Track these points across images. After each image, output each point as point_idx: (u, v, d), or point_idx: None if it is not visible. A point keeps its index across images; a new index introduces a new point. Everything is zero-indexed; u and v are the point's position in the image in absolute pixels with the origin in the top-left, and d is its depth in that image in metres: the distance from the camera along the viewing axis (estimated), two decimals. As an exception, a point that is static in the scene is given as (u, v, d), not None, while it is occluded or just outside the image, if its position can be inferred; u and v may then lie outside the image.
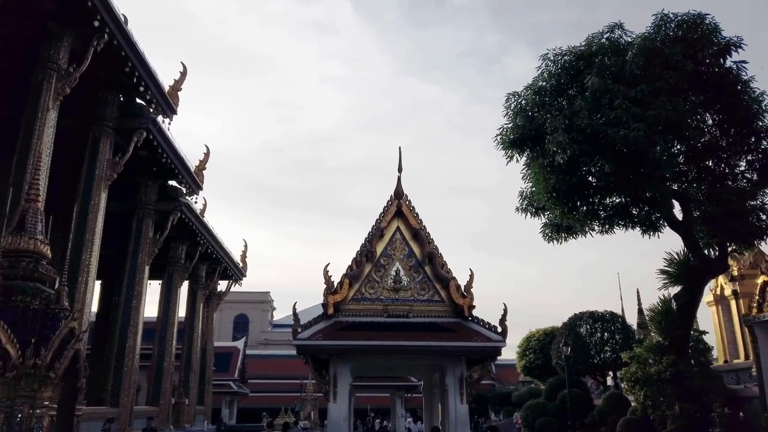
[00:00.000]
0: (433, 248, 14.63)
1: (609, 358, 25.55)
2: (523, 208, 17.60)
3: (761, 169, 15.07)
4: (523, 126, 15.62)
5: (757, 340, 15.60)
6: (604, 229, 16.81)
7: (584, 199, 15.79)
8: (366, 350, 13.19)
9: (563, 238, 17.58)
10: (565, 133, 13.98)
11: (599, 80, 13.80)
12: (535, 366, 31.69)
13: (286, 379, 42.41)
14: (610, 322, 26.83)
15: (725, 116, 14.98)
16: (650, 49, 13.95)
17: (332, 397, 13.29)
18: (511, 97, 16.28)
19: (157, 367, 19.33)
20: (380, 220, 14.71)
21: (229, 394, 37.13)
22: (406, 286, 14.28)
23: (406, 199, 15.06)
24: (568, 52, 15.47)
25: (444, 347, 13.13)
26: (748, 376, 17.31)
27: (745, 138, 14.97)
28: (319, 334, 13.42)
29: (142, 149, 15.35)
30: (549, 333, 31.03)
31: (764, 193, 15.36)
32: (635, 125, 13.01)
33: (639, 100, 13.47)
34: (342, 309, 13.95)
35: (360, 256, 14.40)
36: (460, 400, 13.17)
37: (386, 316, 13.90)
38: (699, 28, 14.23)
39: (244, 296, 57.92)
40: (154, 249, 17.86)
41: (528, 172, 16.53)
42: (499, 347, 13.47)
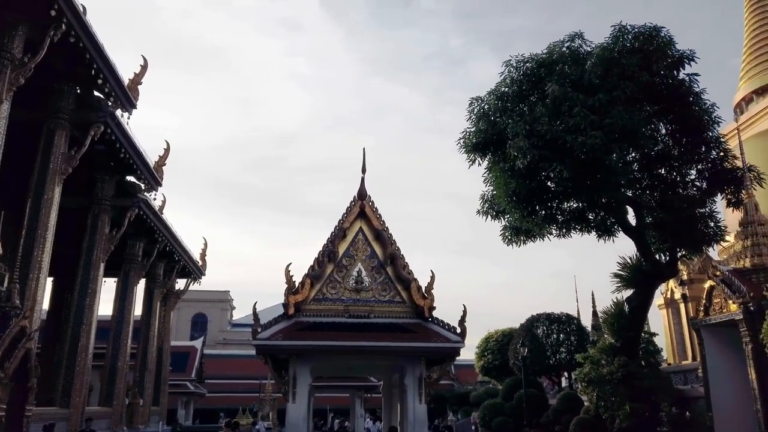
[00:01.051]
0: (395, 249, 14.75)
1: (564, 359, 26.15)
2: (484, 210, 17.87)
3: (710, 178, 15.71)
4: (485, 130, 15.88)
5: (704, 342, 16.23)
6: (561, 232, 17.22)
7: (543, 203, 16.16)
8: (326, 351, 13.21)
9: (522, 241, 17.92)
10: (525, 139, 14.28)
11: (559, 88, 14.14)
12: (493, 366, 32.17)
13: (245, 379, 41.91)
14: (566, 323, 27.47)
15: (678, 126, 15.55)
16: (608, 59, 14.37)
17: (291, 397, 13.25)
18: (474, 101, 16.52)
19: (110, 367, 18.84)
20: (343, 220, 14.74)
21: (186, 394, 36.46)
22: (368, 286, 14.35)
23: (370, 200, 15.13)
24: (530, 59, 15.80)
25: (404, 348, 13.26)
26: (694, 377, 18.00)
27: (696, 148, 15.58)
28: (279, 334, 13.36)
29: (99, 143, 14.94)
30: (507, 334, 31.54)
31: (713, 201, 16.04)
32: (593, 133, 13.39)
33: (597, 108, 13.86)
34: (303, 309, 13.92)
35: (322, 257, 14.40)
36: (418, 400, 13.32)
37: (347, 316, 13.95)
38: (654, 40, 14.74)
39: (203, 295, 56.95)
40: (110, 246, 17.41)
41: (489, 176, 16.79)
42: (458, 348, 13.68)
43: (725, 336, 15.49)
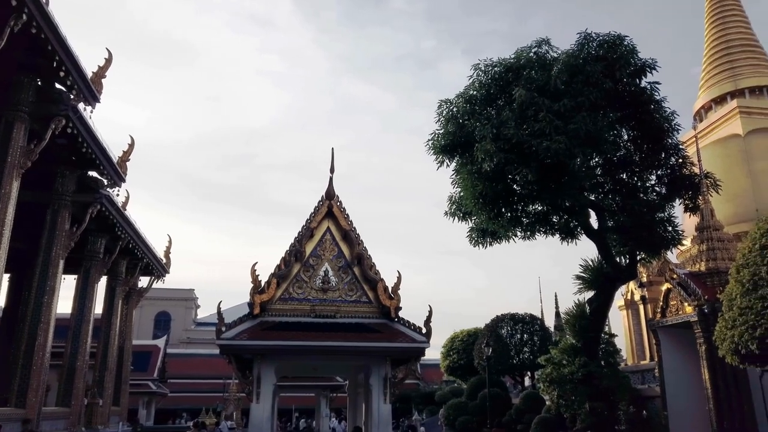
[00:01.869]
0: (363, 249, 14.76)
1: (527, 358, 26.61)
2: (451, 212, 18.05)
3: (669, 183, 16.20)
4: (453, 133, 16.04)
5: (660, 343, 16.72)
6: (526, 235, 17.51)
7: (509, 205, 16.41)
8: (292, 351, 13.13)
9: (488, 243, 18.16)
10: (492, 142, 14.49)
11: (526, 93, 14.39)
12: (458, 366, 32.51)
13: (209, 378, 41.37)
14: (529, 324, 27.96)
15: (639, 133, 15.99)
16: (574, 65, 14.68)
17: (255, 397, 13.14)
18: (443, 104, 16.68)
19: (69, 366, 18.34)
20: (310, 220, 14.68)
21: (148, 394, 35.76)
22: (335, 286, 14.33)
23: (338, 200, 15.10)
24: (498, 63, 16.03)
25: (369, 348, 13.27)
26: (651, 377, 18.53)
27: (656, 154, 16.04)
28: (244, 333, 13.22)
29: (60, 137, 14.52)
30: (472, 334, 31.92)
31: (671, 206, 16.54)
32: (557, 137, 13.66)
33: (562, 113, 14.15)
34: (269, 309, 13.82)
35: (289, 256, 14.32)
36: (383, 400, 13.36)
37: (314, 316, 13.89)
38: (618, 48, 15.12)
39: (166, 293, 55.97)
40: (70, 242, 16.94)
41: (457, 178, 16.97)
42: (423, 348, 13.76)
43: (681, 337, 15.99)
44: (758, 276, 8.92)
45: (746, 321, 8.83)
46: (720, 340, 9.71)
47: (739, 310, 9.06)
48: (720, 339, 9.70)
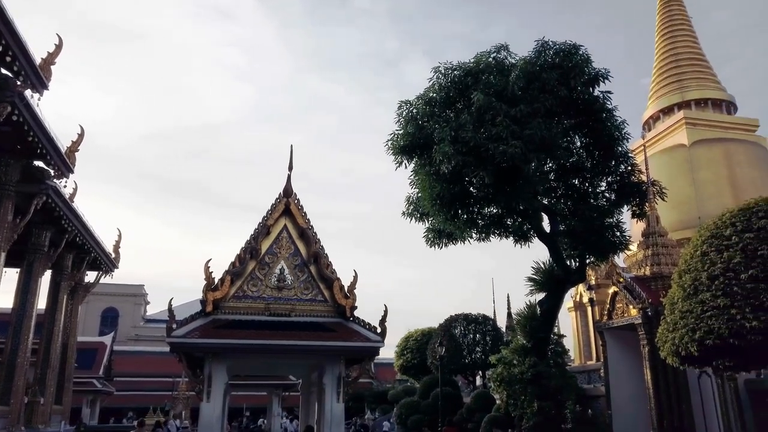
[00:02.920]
0: (319, 248, 14.71)
1: (480, 358, 27.04)
2: (409, 212, 18.15)
3: (618, 190, 16.74)
4: (413, 134, 16.13)
5: (606, 344, 17.28)
6: (481, 236, 17.77)
7: (465, 207, 16.62)
8: (244, 349, 12.98)
9: (444, 244, 18.33)
10: (451, 145, 14.65)
11: (484, 97, 14.60)
12: (411, 365, 32.75)
13: (158, 377, 40.40)
14: (482, 324, 28.41)
15: (591, 140, 16.45)
16: (530, 72, 14.98)
17: (206, 396, 12.92)
18: (403, 104, 16.75)
19: (8, 363, 17.57)
20: (267, 217, 14.54)
21: (93, 392, 34.62)
22: (290, 285, 14.24)
23: (295, 197, 15.01)
24: (458, 67, 16.21)
25: (324, 347, 13.25)
26: (597, 377, 19.14)
27: (607, 161, 16.55)
28: (195, 331, 12.99)
29: (5, 124, 13.90)
30: (426, 333, 32.21)
31: (620, 212, 17.09)
32: (513, 142, 13.92)
33: (518, 119, 14.43)
34: (222, 306, 13.62)
35: (244, 253, 14.14)
36: (336, 399, 13.35)
37: (268, 314, 13.77)
38: (573, 57, 15.51)
39: (115, 288, 54.28)
40: (13, 234, 16.23)
41: (415, 179, 17.08)
42: (378, 347, 13.83)
43: (626, 339, 16.58)
44: (699, 281, 9.33)
45: (687, 324, 9.23)
46: (662, 342, 10.12)
47: (680, 313, 9.47)
48: (662, 341, 10.11)
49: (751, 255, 8.73)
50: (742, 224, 9.20)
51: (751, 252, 8.77)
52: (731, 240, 9.13)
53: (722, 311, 8.61)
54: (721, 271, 8.96)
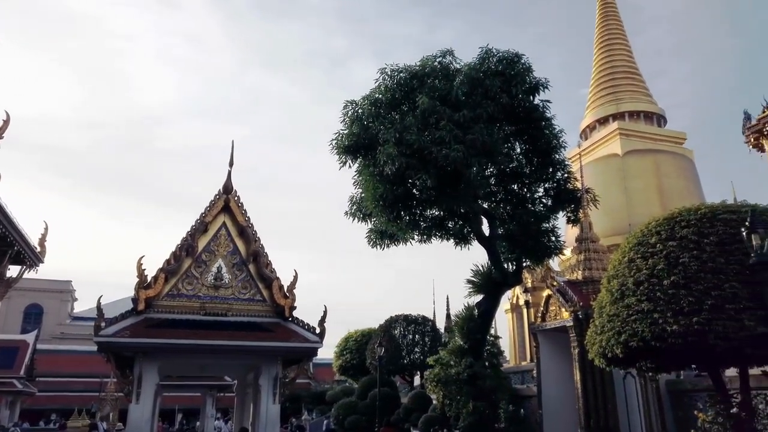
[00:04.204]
0: (259, 247, 14.45)
1: (418, 359, 27.31)
2: (352, 212, 18.14)
3: (555, 196, 17.31)
4: (357, 134, 16.12)
5: (539, 345, 17.81)
6: (423, 238, 17.97)
7: (408, 209, 16.76)
8: (177, 349, 12.57)
9: (386, 245, 18.43)
10: (395, 146, 14.74)
11: (429, 101, 14.78)
12: (350, 365, 32.72)
13: (85, 377, 38.60)
14: (422, 325, 28.73)
15: (530, 147, 16.95)
16: (474, 78, 15.27)
17: (135, 397, 12.45)
18: (349, 104, 16.71)
19: None
20: (205, 214, 14.16)
21: (12, 393, 32.69)
22: (228, 283, 13.92)
23: (235, 194, 14.67)
24: (404, 69, 16.33)
25: (260, 347, 13.02)
26: (530, 377, 19.70)
27: (545, 168, 17.09)
28: (125, 330, 12.49)
29: None
30: (366, 334, 32.26)
31: (555, 217, 17.68)
32: (456, 146, 14.15)
33: (461, 123, 14.67)
34: (155, 305, 13.16)
35: (180, 251, 13.71)
36: (272, 400, 13.15)
37: (203, 314, 13.41)
38: (515, 66, 15.93)
39: (40, 284, 51.54)
40: (-75, 225, 15.14)
41: (359, 179, 17.08)
42: (316, 348, 13.72)
43: (557, 340, 17.14)
44: (625, 286, 9.72)
45: (613, 327, 9.59)
46: (590, 344, 10.49)
47: (608, 317, 9.84)
48: (590, 343, 10.48)
49: (674, 262, 9.16)
50: (666, 233, 9.65)
51: (673, 259, 9.20)
52: (656, 247, 9.56)
53: (646, 315, 9.00)
54: (645, 276, 9.36)
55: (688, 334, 8.60)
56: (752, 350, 8.61)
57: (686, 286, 8.85)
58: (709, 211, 9.69)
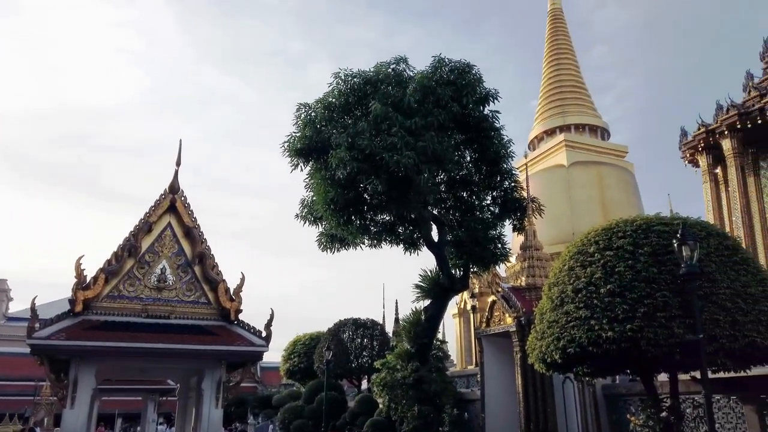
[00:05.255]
0: (206, 248, 14.23)
1: (366, 362, 27.36)
2: (303, 215, 18.02)
3: (502, 204, 17.71)
4: (310, 137, 16.05)
5: (483, 350, 18.16)
6: (373, 243, 18.05)
7: (359, 213, 16.80)
8: (116, 352, 12.22)
9: (337, 249, 18.40)
10: (347, 151, 14.76)
11: (381, 107, 14.87)
12: (298, 369, 32.45)
13: (19, 380, 36.89)
14: (370, 329, 28.79)
15: (480, 155, 17.28)
16: (426, 86, 15.47)
17: (70, 402, 12.03)
18: (302, 107, 16.63)
19: None
20: (150, 213, 13.83)
21: (-64, 398, 30.91)
22: (172, 285, 13.63)
23: (182, 194, 14.41)
24: (358, 74, 16.38)
25: (203, 351, 12.81)
26: (475, 381, 20.04)
27: (493, 176, 17.46)
28: (62, 333, 12.05)
29: None
30: (315, 337, 32.08)
31: (502, 225, 18.08)
32: (407, 153, 14.29)
33: (413, 130, 14.84)
34: (93, 306, 12.75)
35: (122, 251, 13.35)
36: (215, 405, 12.95)
37: (145, 316, 13.10)
38: (467, 76, 16.22)
39: (-29, 282, 48.90)
40: None
41: (311, 182, 17.00)
42: (262, 352, 13.60)
43: (501, 345, 17.53)
44: (565, 293, 10.07)
45: (552, 333, 9.92)
46: (531, 350, 10.80)
47: (548, 323, 10.17)
48: (531, 348, 10.79)
49: (610, 271, 9.55)
50: (604, 242, 10.06)
51: (610, 268, 9.60)
52: (594, 257, 9.95)
53: (583, 322, 9.35)
54: (584, 284, 9.72)
55: (622, 341, 8.97)
56: (681, 357, 9.07)
57: (621, 294, 9.24)
58: (644, 223, 10.14)
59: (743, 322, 8.99)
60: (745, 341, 8.90)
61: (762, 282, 9.79)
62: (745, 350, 9.02)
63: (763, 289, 9.62)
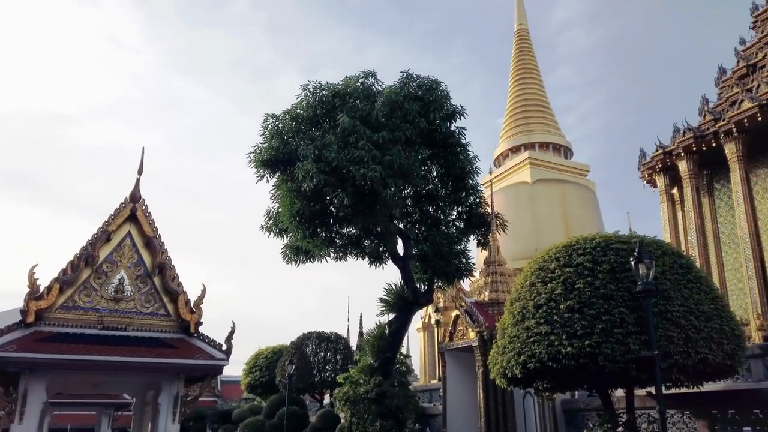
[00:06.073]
0: (166, 259, 13.93)
1: (329, 377, 27.07)
2: (268, 227, 17.82)
3: (467, 220, 17.87)
4: (277, 148, 15.93)
5: (446, 364, 18.23)
6: (338, 256, 17.94)
7: (324, 226, 16.71)
8: (69, 365, 11.80)
9: (302, 261, 18.23)
10: (314, 163, 14.70)
11: (349, 120, 14.90)
12: (259, 383, 31.91)
13: (-37, 394, 35.19)
14: (334, 342, 28.53)
15: (446, 171, 17.44)
16: (394, 101, 15.58)
17: (18, 417, 11.55)
18: (269, 118, 16.52)
19: None
20: (109, 222, 13.49)
21: None
22: (130, 296, 13.28)
23: (143, 203, 14.11)
24: (326, 87, 16.39)
25: (161, 364, 12.50)
26: (438, 396, 20.08)
27: (459, 192, 17.62)
28: (12, 344, 11.59)
29: None
30: (277, 351, 31.64)
31: (467, 240, 18.24)
32: (374, 166, 14.32)
33: (380, 144, 14.89)
34: (46, 317, 12.32)
35: (78, 260, 12.96)
36: (172, 420, 12.63)
37: (101, 328, 12.71)
38: (434, 92, 16.40)
39: None
40: None
41: (277, 194, 16.86)
42: (222, 365, 13.35)
43: (464, 360, 17.63)
44: (526, 309, 10.23)
45: (514, 348, 10.05)
46: (492, 364, 10.91)
47: (509, 338, 10.30)
48: (492, 363, 10.90)
49: (570, 287, 9.76)
50: (564, 259, 10.29)
51: (570, 285, 9.81)
52: (555, 273, 10.16)
53: (543, 337, 9.51)
54: (545, 300, 9.91)
55: (581, 356, 9.15)
56: (637, 372, 9.28)
57: (580, 310, 9.43)
58: (603, 241, 10.40)
59: (696, 339, 9.26)
60: (697, 358, 9.17)
61: (714, 300, 10.12)
62: (697, 366, 9.29)
63: (715, 307, 9.94)
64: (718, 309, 9.96)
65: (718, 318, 9.78)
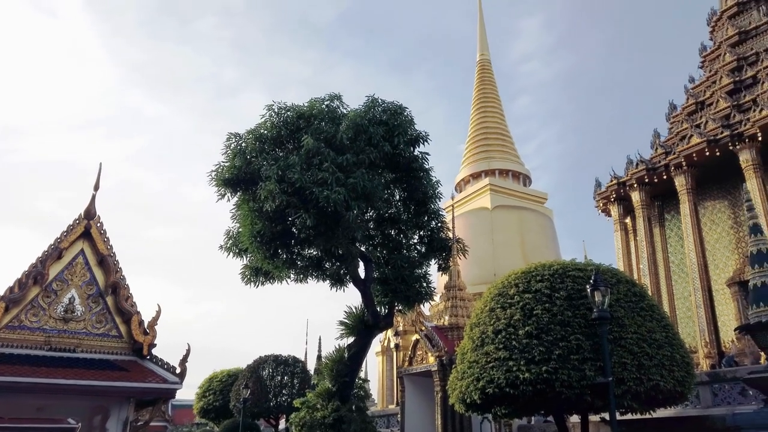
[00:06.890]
0: (120, 278, 13.52)
1: (285, 401, 26.52)
2: (227, 247, 17.53)
3: (428, 244, 18.00)
4: (239, 168, 15.78)
5: (405, 389, 18.14)
6: (299, 277, 17.77)
7: (286, 247, 16.54)
8: (10, 388, 11.23)
9: (261, 282, 17.96)
10: (277, 183, 14.60)
11: (314, 142, 14.91)
12: (213, 408, 30.99)
13: None
14: (291, 366, 28.03)
15: (408, 195, 17.58)
16: (359, 125, 15.68)
17: (-49, 444, 10.86)
18: (232, 137, 16.39)
19: None
20: (61, 239, 13.04)
21: None
22: (80, 316, 12.80)
23: (99, 220, 13.70)
24: (291, 108, 16.39)
25: (110, 387, 12.03)
26: (396, 421, 19.91)
27: (420, 216, 17.76)
28: (-51, 365, 10.96)
29: None
30: (233, 374, 30.87)
31: (428, 264, 18.34)
32: (337, 188, 14.32)
33: (344, 167, 14.92)
34: (-11, 337, 11.72)
35: (26, 278, 12.45)
36: (120, 446, 12.11)
37: (47, 349, 12.19)
38: (399, 117, 16.60)
39: None
40: None
41: (237, 213, 16.65)
42: (175, 389, 12.95)
43: (423, 384, 17.58)
44: (485, 334, 10.30)
45: (473, 373, 10.07)
46: (451, 390, 10.91)
47: (468, 363, 10.33)
48: (451, 388, 10.90)
49: (528, 313, 9.89)
50: (523, 285, 10.45)
51: (528, 311, 9.95)
52: (513, 299, 10.29)
53: (502, 363, 9.58)
54: (504, 326, 10.01)
55: (538, 382, 9.24)
56: (592, 398, 9.42)
57: (538, 336, 9.56)
58: (560, 268, 10.61)
59: (648, 366, 9.49)
60: (650, 384, 9.39)
61: (665, 328, 10.43)
62: (649, 393, 9.50)
63: (666, 335, 10.24)
64: (669, 337, 10.26)
65: (669, 346, 10.06)
